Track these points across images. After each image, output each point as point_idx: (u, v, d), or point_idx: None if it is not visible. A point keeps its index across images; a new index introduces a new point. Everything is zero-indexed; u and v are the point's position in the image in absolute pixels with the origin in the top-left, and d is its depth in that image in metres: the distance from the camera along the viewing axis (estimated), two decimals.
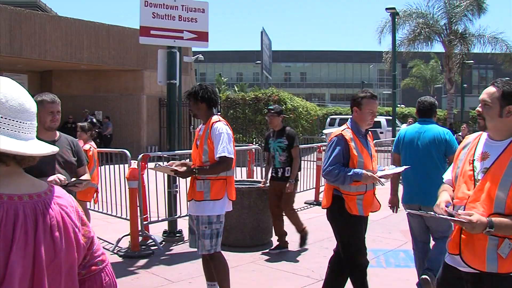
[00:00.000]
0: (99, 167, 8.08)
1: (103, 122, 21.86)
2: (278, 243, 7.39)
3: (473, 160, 2.95)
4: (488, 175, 2.83)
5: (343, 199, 4.56)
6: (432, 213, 3.02)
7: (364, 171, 4.46)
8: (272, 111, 7.36)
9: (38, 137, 1.68)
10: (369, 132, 4.88)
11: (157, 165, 5.75)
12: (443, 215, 2.89)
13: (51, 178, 3.91)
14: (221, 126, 4.90)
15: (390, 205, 5.73)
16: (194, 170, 4.84)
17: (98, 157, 8.07)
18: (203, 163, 4.89)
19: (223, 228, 4.99)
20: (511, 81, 2.92)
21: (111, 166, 8.76)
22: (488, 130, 2.99)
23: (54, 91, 23.60)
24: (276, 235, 7.46)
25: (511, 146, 2.82)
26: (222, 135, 4.84)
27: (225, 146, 4.81)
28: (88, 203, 7.86)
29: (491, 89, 2.92)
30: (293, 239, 7.82)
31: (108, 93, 22.80)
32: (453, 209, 2.92)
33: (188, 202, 5.19)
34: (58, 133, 4.46)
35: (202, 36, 7.80)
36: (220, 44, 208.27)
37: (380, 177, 4.63)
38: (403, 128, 6.34)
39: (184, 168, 4.94)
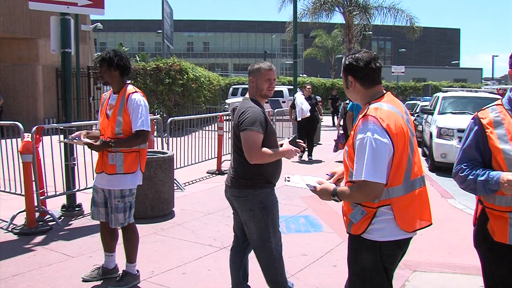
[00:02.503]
0: None
1: None
2: None
3: None
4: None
5: (487, 217, 2.98)
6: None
7: (504, 175, 2.70)
8: None
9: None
10: None
11: (69, 137, 5.15)
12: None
13: None
14: (139, 97, 4.77)
15: None
16: (110, 143, 4.64)
17: None
18: (115, 135, 4.72)
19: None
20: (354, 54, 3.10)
21: (2, 141, 8.28)
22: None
23: None
24: None
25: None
26: (141, 108, 4.72)
27: (144, 120, 4.71)
28: None
29: None
30: (195, 209, 7.86)
31: None
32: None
33: (96, 174, 4.97)
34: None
35: (98, 3, 7.46)
36: (120, 13, 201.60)
37: None
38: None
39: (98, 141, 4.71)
